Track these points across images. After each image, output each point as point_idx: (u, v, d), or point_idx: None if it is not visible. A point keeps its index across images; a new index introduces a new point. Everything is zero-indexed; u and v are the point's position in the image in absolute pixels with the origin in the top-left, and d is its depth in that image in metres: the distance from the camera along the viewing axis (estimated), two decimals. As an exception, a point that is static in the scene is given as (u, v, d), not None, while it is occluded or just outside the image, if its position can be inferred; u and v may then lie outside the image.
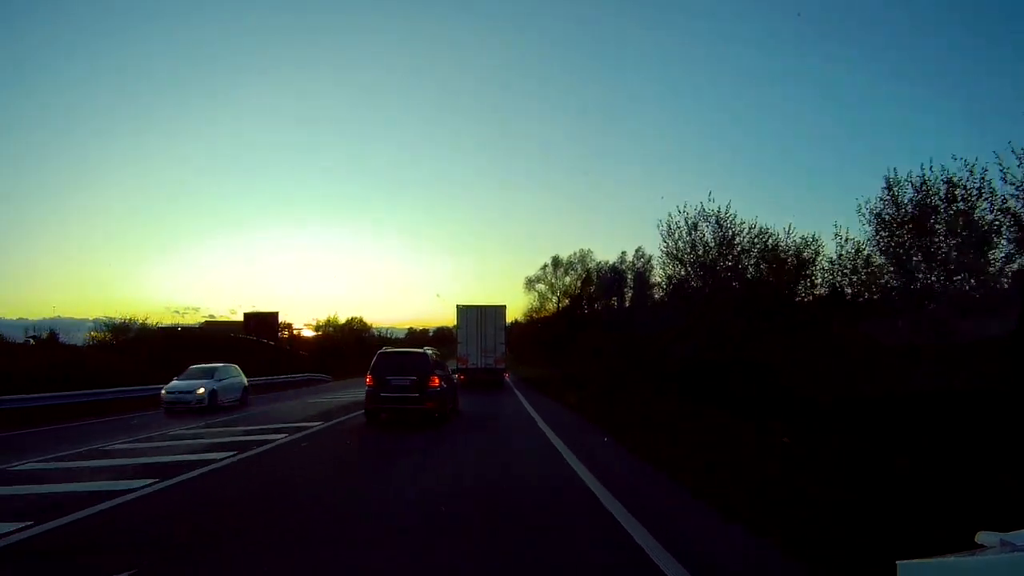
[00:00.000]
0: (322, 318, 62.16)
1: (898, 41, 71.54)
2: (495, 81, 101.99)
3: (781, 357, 14.15)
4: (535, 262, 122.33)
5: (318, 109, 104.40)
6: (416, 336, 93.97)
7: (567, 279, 53.85)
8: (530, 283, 55.62)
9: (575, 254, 54.08)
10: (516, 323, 60.51)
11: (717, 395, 13.75)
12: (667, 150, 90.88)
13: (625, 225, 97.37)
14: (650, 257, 46.13)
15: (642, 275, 46.31)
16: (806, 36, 75.47)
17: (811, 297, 18.33)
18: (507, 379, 25.05)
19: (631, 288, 47.02)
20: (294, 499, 6.18)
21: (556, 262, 54.58)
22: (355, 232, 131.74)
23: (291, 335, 56.51)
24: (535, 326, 54.40)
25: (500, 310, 23.37)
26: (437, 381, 11.63)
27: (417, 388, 11.29)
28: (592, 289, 49.25)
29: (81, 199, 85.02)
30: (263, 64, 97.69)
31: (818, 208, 79.88)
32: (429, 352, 13.48)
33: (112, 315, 36.54)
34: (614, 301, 47.14)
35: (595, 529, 4.75)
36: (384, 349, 13.38)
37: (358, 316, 65.04)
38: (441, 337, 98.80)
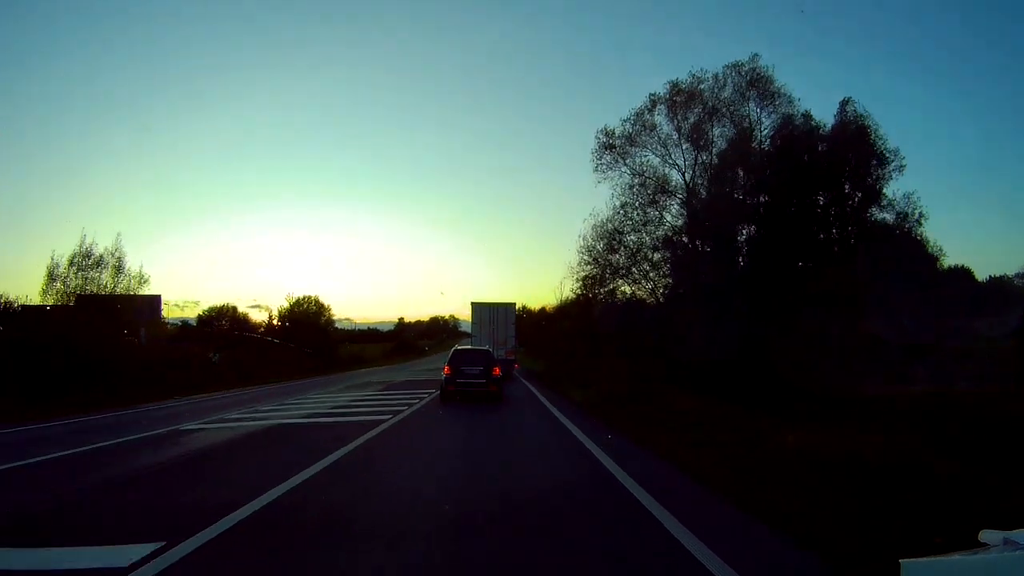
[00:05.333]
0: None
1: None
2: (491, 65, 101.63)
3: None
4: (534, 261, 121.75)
5: (309, 103, 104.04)
6: (406, 327, 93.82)
7: (710, 156, 21.65)
8: (609, 153, 22.42)
9: (731, 70, 21.13)
10: (525, 312, 44.70)
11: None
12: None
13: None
14: None
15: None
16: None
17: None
18: (516, 369, 27.47)
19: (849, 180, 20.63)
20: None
21: (678, 94, 21.46)
22: (356, 229, 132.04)
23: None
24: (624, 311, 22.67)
25: (511, 307, 26.37)
26: (498, 371, 15.08)
27: (484, 376, 14.52)
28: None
29: (81, 193, 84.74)
30: (253, 56, 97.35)
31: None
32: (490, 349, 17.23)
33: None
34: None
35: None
36: (457, 347, 17.44)
37: (313, 296, 47.37)
38: (436, 330, 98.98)
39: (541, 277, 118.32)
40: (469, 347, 17.69)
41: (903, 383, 14.00)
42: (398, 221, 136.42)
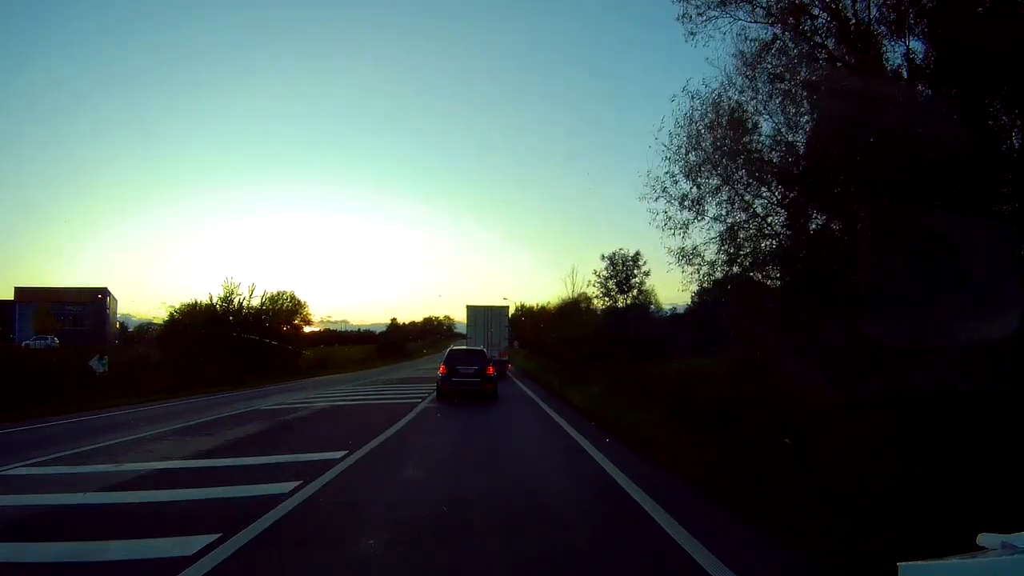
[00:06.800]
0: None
1: None
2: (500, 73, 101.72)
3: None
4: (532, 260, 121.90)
5: (309, 102, 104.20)
6: (398, 328, 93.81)
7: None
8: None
9: None
10: (524, 312, 45.56)
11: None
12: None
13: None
14: None
15: None
16: None
17: None
18: (510, 369, 28.70)
19: None
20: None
21: None
22: (355, 232, 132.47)
23: None
24: None
25: (504, 310, 28.22)
26: (492, 370, 15.80)
27: (478, 375, 15.14)
28: None
29: (83, 187, 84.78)
30: (253, 56, 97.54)
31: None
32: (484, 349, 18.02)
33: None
34: None
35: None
36: (452, 348, 18.40)
37: (288, 292, 40.12)
38: (430, 330, 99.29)
39: (542, 277, 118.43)
40: (465, 347, 18.31)
41: None
42: (398, 225, 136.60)
